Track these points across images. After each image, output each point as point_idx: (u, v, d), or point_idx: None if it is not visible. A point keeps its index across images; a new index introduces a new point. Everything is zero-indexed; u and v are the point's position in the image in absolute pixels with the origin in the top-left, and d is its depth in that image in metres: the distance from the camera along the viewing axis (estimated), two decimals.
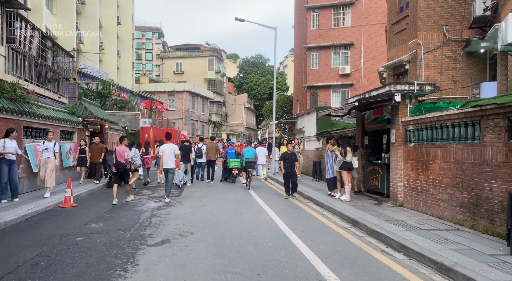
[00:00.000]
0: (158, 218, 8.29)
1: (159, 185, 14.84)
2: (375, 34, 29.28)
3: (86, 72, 28.88)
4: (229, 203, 10.40)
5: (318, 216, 8.72)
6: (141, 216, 8.52)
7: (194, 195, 12.08)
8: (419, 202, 8.38)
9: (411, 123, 8.76)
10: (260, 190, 13.47)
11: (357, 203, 9.78)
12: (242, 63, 70.58)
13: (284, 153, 11.50)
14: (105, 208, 9.49)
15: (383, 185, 10.26)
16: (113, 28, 38.53)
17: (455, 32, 11.25)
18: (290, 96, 38.80)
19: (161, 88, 48.22)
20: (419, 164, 8.38)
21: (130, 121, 27.19)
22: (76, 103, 15.99)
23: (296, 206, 10.07)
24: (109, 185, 13.92)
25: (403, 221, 7.40)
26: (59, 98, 20.19)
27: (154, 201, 10.85)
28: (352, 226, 7.62)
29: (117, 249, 5.74)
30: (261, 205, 10.19)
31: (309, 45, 29.66)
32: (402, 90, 8.85)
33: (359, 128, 11.74)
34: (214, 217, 8.37)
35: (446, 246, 5.52)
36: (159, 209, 9.39)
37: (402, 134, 9.17)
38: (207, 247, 5.91)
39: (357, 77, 29.25)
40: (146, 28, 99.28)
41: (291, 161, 11.24)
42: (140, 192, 12.83)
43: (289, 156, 11.25)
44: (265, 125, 69.64)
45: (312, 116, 18.22)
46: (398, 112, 9.24)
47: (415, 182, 8.55)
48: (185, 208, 9.65)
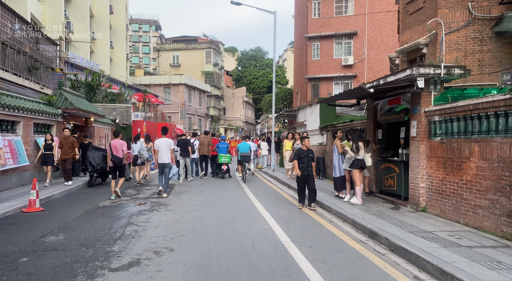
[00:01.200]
0: (135, 227, 6.89)
1: (145, 184, 13.43)
2: (380, 23, 27.83)
3: (74, 62, 27.33)
4: (221, 206, 9.01)
5: (326, 224, 7.32)
6: (115, 224, 7.12)
7: (183, 196, 10.68)
8: (448, 208, 6.99)
9: (437, 113, 7.35)
10: (258, 190, 12.08)
11: (371, 207, 8.38)
12: (241, 56, 68.98)
13: (299, 149, 9.08)
14: (76, 213, 8.08)
15: (399, 186, 8.85)
16: (105, 17, 36.87)
17: (482, 9, 9.79)
18: (290, 89, 37.27)
19: (156, 81, 46.64)
20: (448, 161, 6.98)
21: (121, 115, 25.71)
22: (55, 94, 14.51)
23: (299, 211, 8.67)
24: (90, 184, 12.53)
25: (432, 233, 6.01)
26: (42, 89, 18.71)
27: (136, 203, 9.46)
28: (369, 239, 6.23)
29: (65, 278, 4.34)
30: (258, 209, 8.79)
31: (310, 34, 28.17)
32: (426, 75, 7.42)
33: (370, 120, 10.32)
34: (201, 226, 6.98)
35: (506, 276, 4.12)
36: (139, 215, 7.98)
37: (425, 126, 7.76)
38: (186, 273, 4.51)
39: (360, 68, 27.81)
40: (143, 20, 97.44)
41: (307, 160, 8.85)
42: (124, 192, 11.42)
43: (305, 154, 8.86)
44: (264, 119, 68.14)
45: (315, 108, 16.79)
46: (420, 100, 7.82)
47: (442, 183, 7.15)
48: (169, 212, 8.25)
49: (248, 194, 11.13)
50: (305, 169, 8.83)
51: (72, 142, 12.03)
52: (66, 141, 12.02)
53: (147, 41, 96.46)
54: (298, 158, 8.93)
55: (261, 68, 64.46)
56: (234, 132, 56.72)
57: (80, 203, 9.39)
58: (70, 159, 12.00)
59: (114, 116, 24.74)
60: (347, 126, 12.44)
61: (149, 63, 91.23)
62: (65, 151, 11.94)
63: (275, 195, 11.19)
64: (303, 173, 8.81)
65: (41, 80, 19.16)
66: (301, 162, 8.85)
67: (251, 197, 10.62)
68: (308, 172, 8.83)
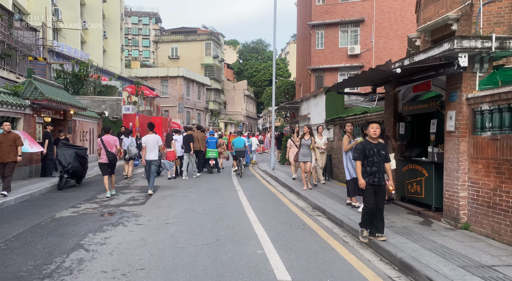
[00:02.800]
0: (83, 252, 5.13)
1: (125, 186, 11.68)
2: (389, 9, 25.90)
3: (61, 51, 25.51)
4: (206, 219, 7.23)
5: (339, 247, 5.52)
6: (59, 247, 5.35)
7: (164, 202, 8.92)
8: (504, 228, 5.19)
9: (487, 100, 5.53)
10: (254, 194, 10.28)
11: (394, 221, 6.58)
12: (242, 49, 66.96)
13: (365, 142, 5.60)
14: (17, 230, 6.32)
15: (429, 193, 7.04)
16: (98, 5, 35.00)
17: None
18: (292, 81, 35.38)
19: (153, 73, 44.74)
20: (504, 165, 5.18)
21: (111, 108, 23.95)
22: (23, 82, 12.72)
23: (302, 225, 6.89)
24: (60, 187, 10.81)
25: (494, 269, 4.21)
26: (18, 79, 16.98)
27: (102, 214, 7.70)
28: (401, 275, 4.44)
29: None
30: (251, 221, 7.01)
31: (314, 22, 26.26)
32: (472, 49, 5.59)
33: (389, 111, 8.48)
34: (172, 252, 5.20)
35: None
36: (97, 232, 6.22)
37: (467, 118, 5.95)
38: None
39: (367, 58, 25.93)
40: (143, 13, 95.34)
41: (379, 159, 5.45)
42: (96, 197, 9.68)
43: (375, 150, 5.46)
44: (266, 114, 66.29)
45: (320, 99, 14.96)
46: (461, 84, 5.99)
47: (495, 193, 5.35)
48: (137, 228, 6.48)
49: (241, 199, 9.35)
50: (375, 174, 5.42)
51: (14, 139, 9.22)
52: (5, 138, 9.15)
53: (147, 34, 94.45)
54: (364, 154, 5.47)
55: (263, 61, 62.46)
56: (235, 127, 54.85)
57: (33, 213, 7.64)
58: (12, 162, 9.17)
59: (103, 109, 22.99)
60: (359, 119, 10.62)
61: (149, 57, 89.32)
62: (5, 152, 9.07)
63: (273, 200, 9.40)
64: (371, 182, 5.41)
65: (18, 69, 17.41)
66: (369, 163, 5.46)
67: (245, 203, 8.83)
68: (379, 180, 5.43)
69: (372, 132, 5.51)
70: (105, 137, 9.95)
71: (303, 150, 10.18)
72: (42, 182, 11.44)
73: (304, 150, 10.16)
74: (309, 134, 10.25)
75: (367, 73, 6.83)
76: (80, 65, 23.47)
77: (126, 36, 77.86)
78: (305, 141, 10.21)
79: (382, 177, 5.46)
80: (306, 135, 10.26)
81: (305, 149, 10.15)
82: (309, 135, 10.25)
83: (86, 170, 11.82)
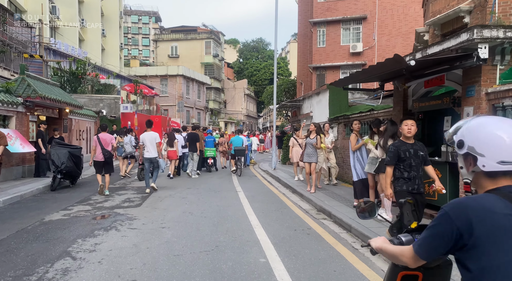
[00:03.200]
0: (69, 261, 4.69)
1: (122, 187, 11.25)
2: (392, 6, 25.45)
3: (57, 49, 25.06)
4: (204, 222, 6.79)
5: (348, 254, 5.09)
6: (43, 255, 4.92)
7: (160, 204, 8.48)
8: None
9: (510, 95, 5.09)
10: (255, 195, 9.83)
11: None
12: (242, 48, 66.57)
13: (399, 142, 4.81)
14: (1, 235, 5.88)
15: (443, 196, 6.59)
16: (96, 3, 34.52)
17: None
18: (293, 80, 34.93)
19: (153, 72, 44.27)
20: None
21: (109, 106, 23.50)
22: (15, 79, 12.29)
23: (307, 229, 6.44)
24: (53, 188, 10.37)
25: None
26: (13, 76, 16.54)
27: (95, 217, 7.26)
28: None
29: None
30: (253, 225, 6.57)
31: (315, 19, 25.82)
32: (493, 40, 5.14)
33: (399, 108, 8.04)
34: (167, 261, 4.76)
35: None
36: (88, 237, 5.78)
37: (487, 114, 5.49)
38: None
39: (370, 56, 25.45)
40: (143, 12, 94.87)
41: (418, 162, 4.69)
42: (90, 198, 9.25)
43: (411, 152, 4.67)
44: (267, 113, 65.84)
45: (323, 97, 14.53)
46: (480, 78, 5.55)
47: None
48: (131, 233, 6.04)
49: (242, 201, 8.90)
50: (415, 180, 4.67)
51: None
52: None
53: (146, 33, 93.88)
54: (399, 157, 4.69)
55: (263, 60, 62.06)
56: (235, 126, 54.40)
57: (21, 216, 7.21)
58: None
59: (101, 108, 22.54)
60: (366, 117, 10.17)
61: (148, 56, 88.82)
62: None
63: (276, 202, 8.96)
64: (412, 189, 4.65)
65: (12, 67, 16.96)
66: (406, 168, 4.67)
67: (246, 205, 8.39)
68: (418, 187, 4.69)
69: (406, 130, 4.68)
70: (101, 135, 9.92)
71: (307, 150, 9.66)
72: (34, 182, 11.00)
73: (309, 149, 9.62)
74: (315, 133, 9.55)
75: (378, 66, 6.39)
76: (77, 63, 23.03)
77: (126, 35, 77.49)
78: (309, 139, 9.61)
79: (421, 182, 4.75)
80: (312, 134, 9.63)
81: (309, 148, 9.61)
82: (315, 134, 9.55)
83: (81, 170, 11.38)
